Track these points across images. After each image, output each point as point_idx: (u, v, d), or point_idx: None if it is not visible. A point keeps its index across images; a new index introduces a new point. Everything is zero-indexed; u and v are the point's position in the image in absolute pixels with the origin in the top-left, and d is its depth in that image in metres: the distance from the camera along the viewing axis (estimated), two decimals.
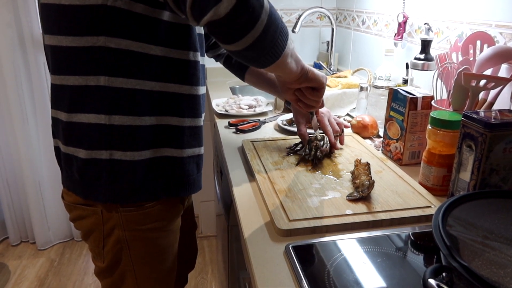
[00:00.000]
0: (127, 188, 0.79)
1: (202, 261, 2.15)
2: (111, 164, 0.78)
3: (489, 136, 0.70)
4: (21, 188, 2.16)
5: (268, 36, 0.64)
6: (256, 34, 0.62)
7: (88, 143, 0.78)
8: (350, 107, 1.44)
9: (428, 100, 0.95)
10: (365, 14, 1.79)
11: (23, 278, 2.01)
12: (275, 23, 0.64)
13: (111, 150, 0.77)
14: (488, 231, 0.57)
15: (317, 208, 0.77)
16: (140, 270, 0.87)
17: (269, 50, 0.66)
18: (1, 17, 1.86)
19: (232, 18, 0.60)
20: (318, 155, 0.98)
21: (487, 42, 0.94)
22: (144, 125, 0.78)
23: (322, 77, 0.85)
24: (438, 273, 0.50)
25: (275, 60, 0.68)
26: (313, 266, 0.62)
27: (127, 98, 0.75)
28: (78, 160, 0.79)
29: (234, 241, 1.06)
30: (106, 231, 0.83)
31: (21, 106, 2.01)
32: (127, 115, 0.76)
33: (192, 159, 0.86)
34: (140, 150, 0.78)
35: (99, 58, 0.72)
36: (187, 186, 0.87)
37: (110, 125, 0.76)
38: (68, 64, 0.75)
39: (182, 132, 0.83)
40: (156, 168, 0.81)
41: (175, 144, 0.82)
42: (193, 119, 0.84)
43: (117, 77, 0.74)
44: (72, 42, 0.72)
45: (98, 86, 0.74)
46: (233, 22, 0.60)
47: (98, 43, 0.71)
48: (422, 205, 0.78)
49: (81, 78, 0.74)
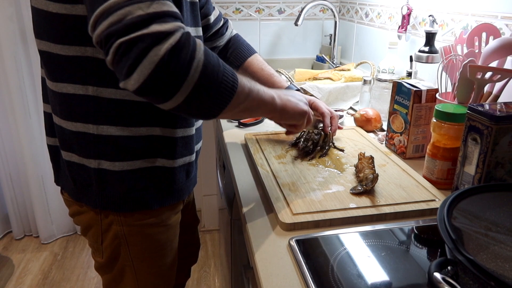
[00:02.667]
0: (116, 197, 0.79)
1: (204, 255, 2.15)
2: (100, 173, 0.77)
3: (495, 129, 0.70)
4: (24, 183, 2.17)
5: (194, 103, 0.60)
6: (176, 103, 0.59)
7: (79, 150, 0.77)
8: (353, 101, 1.44)
9: (432, 93, 0.95)
10: (368, 7, 1.77)
11: (27, 272, 2.02)
12: (207, 88, 0.60)
13: (99, 160, 0.76)
14: (494, 224, 0.56)
15: (320, 202, 0.77)
16: (139, 265, 0.86)
17: (200, 112, 0.63)
18: (2, 11, 1.85)
19: (143, 93, 0.57)
20: (308, 149, 0.97)
21: (493, 34, 0.93)
22: (134, 136, 0.76)
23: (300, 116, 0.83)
24: (443, 267, 0.50)
25: (215, 117, 0.65)
26: (317, 260, 0.62)
27: (116, 108, 0.74)
28: (72, 164, 0.79)
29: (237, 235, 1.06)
30: (104, 227, 0.82)
31: (23, 100, 2.00)
32: (116, 126, 0.75)
33: (183, 168, 0.85)
34: (129, 160, 0.77)
35: (87, 68, 0.71)
36: (176, 193, 0.85)
37: (98, 135, 0.75)
38: (58, 71, 0.74)
39: (175, 142, 0.81)
40: (146, 178, 0.79)
41: (167, 155, 0.80)
42: (185, 129, 0.82)
43: (106, 87, 0.72)
44: (61, 50, 0.70)
45: (87, 96, 0.73)
46: (146, 96, 0.58)
47: (86, 53, 0.70)
48: (426, 199, 0.78)
49: (69, 86, 0.73)
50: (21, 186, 2.20)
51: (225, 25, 1.11)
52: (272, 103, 0.75)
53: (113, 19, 0.55)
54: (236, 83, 0.64)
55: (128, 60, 0.55)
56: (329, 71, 1.55)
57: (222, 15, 1.12)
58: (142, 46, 0.54)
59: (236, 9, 2.04)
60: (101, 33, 0.56)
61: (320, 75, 1.54)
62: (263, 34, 2.10)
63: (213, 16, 1.06)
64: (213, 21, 1.06)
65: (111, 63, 0.57)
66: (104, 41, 0.56)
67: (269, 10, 2.07)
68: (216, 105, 0.63)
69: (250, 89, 0.68)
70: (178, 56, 0.56)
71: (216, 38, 1.10)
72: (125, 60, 0.55)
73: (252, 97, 0.69)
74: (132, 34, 0.54)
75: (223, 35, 1.11)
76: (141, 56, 0.54)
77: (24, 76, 1.98)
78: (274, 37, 2.12)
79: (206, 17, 1.04)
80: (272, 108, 0.76)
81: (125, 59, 0.55)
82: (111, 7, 0.55)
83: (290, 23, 2.07)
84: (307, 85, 1.39)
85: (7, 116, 2.05)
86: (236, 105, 0.66)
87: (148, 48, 0.54)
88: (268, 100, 0.74)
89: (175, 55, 0.56)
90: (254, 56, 1.12)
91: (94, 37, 0.58)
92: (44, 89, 0.82)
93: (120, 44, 0.55)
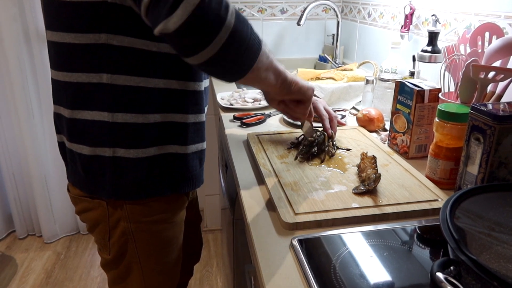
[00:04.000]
0: (131, 185, 0.79)
1: (207, 255, 2.16)
2: (115, 161, 0.77)
3: (498, 129, 0.69)
4: (28, 182, 2.18)
5: (229, 54, 0.62)
6: (213, 51, 0.60)
7: (92, 140, 0.77)
8: (356, 100, 1.43)
9: (435, 93, 0.94)
10: (371, 7, 1.77)
11: (30, 271, 2.03)
12: (239, 39, 0.62)
13: (114, 148, 0.77)
14: (497, 224, 0.56)
15: (323, 202, 0.77)
16: (146, 262, 0.87)
17: (231, 67, 0.64)
18: (6, 11, 1.86)
19: (183, 35, 0.58)
20: (313, 151, 0.97)
21: (496, 33, 0.93)
22: (148, 123, 0.77)
23: (307, 90, 0.83)
24: (446, 267, 0.49)
25: (241, 76, 0.67)
26: (319, 260, 0.62)
27: (131, 95, 0.74)
28: (82, 157, 0.79)
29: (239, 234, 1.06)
30: (111, 223, 0.83)
31: (26, 100, 2.01)
32: (131, 113, 0.75)
33: (196, 155, 0.86)
34: (144, 148, 0.78)
35: (101, 56, 0.71)
36: (190, 181, 0.87)
37: (113, 123, 0.75)
38: (70, 61, 0.74)
39: (186, 128, 0.82)
40: (160, 165, 0.80)
41: (180, 141, 0.82)
42: (197, 115, 0.84)
43: (120, 74, 0.73)
44: (74, 39, 0.71)
45: (101, 84, 0.73)
46: (185, 38, 0.58)
47: (100, 41, 0.70)
48: (429, 199, 0.78)
49: (83, 75, 0.73)
50: (24, 186, 2.21)
51: None
52: (284, 70, 0.78)
53: None
54: (261, 41, 0.68)
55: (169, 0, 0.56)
56: (331, 71, 1.55)
57: None
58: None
59: (238, 9, 2.04)
60: None
61: (322, 75, 1.54)
62: (266, 34, 2.10)
63: None
64: None
65: (147, 6, 0.58)
66: None
67: (271, 10, 2.07)
68: (247, 57, 0.65)
69: (270, 52, 0.72)
70: (217, 1, 0.58)
71: None
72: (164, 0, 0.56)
73: (271, 59, 0.73)
74: None
75: None
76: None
77: (28, 76, 1.99)
78: (277, 37, 2.12)
79: None
80: (284, 75, 0.78)
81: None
82: None
83: (292, 23, 2.07)
84: None
85: (10, 116, 2.05)
86: (262, 63, 0.69)
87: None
88: (280, 66, 0.77)
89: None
90: None
91: None
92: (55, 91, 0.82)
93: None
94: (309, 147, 0.96)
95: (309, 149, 0.96)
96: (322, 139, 0.99)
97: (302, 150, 0.97)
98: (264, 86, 0.78)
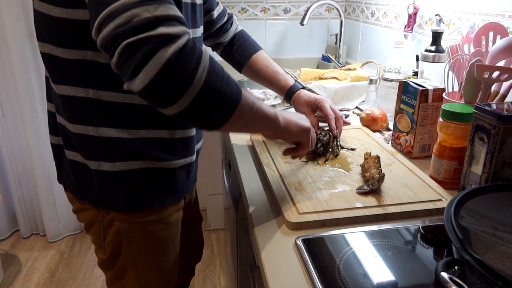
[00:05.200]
0: (118, 197, 0.79)
1: (210, 254, 2.16)
2: (99, 174, 0.78)
3: (502, 129, 0.69)
4: (32, 182, 2.19)
5: (199, 110, 0.60)
6: (180, 108, 0.58)
7: (81, 151, 0.78)
8: (359, 100, 1.43)
9: (439, 93, 0.94)
10: (374, 6, 1.77)
11: (34, 270, 2.04)
12: (211, 95, 0.59)
13: (99, 161, 0.77)
14: (501, 224, 0.56)
15: (326, 201, 0.77)
16: (141, 262, 0.87)
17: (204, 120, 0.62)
18: (10, 11, 1.87)
19: (147, 96, 0.57)
20: (319, 150, 0.97)
21: (500, 33, 0.92)
22: (133, 138, 0.76)
23: (303, 134, 0.79)
24: (450, 266, 0.50)
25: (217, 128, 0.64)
26: (323, 259, 0.62)
27: (116, 111, 0.74)
28: (76, 164, 0.80)
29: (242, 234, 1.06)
30: (106, 223, 0.83)
31: (30, 100, 2.02)
32: (115, 128, 0.75)
33: (183, 168, 0.85)
34: (129, 161, 0.77)
35: (88, 72, 0.71)
36: (177, 193, 0.86)
37: (98, 137, 0.75)
38: (59, 74, 0.74)
39: (174, 144, 0.81)
40: (147, 178, 0.80)
41: (167, 156, 0.81)
42: (185, 130, 0.82)
43: (106, 90, 0.72)
44: (62, 53, 0.71)
45: (87, 98, 0.73)
46: (149, 98, 0.58)
47: (87, 57, 0.70)
48: (432, 198, 0.78)
49: (70, 89, 0.74)
50: (28, 185, 2.21)
51: (230, 21, 1.11)
52: (275, 118, 0.74)
53: (120, 21, 0.55)
54: (240, 93, 0.64)
55: (134, 61, 0.55)
56: (335, 71, 1.55)
57: (227, 10, 1.12)
58: (149, 47, 0.54)
59: (241, 8, 2.04)
60: (107, 35, 0.56)
61: (326, 74, 1.54)
62: (269, 33, 2.10)
63: (216, 11, 1.06)
64: (216, 16, 1.06)
65: (116, 65, 0.57)
66: (110, 43, 0.56)
67: (274, 9, 2.07)
68: (220, 114, 0.62)
69: (253, 102, 0.67)
70: (185, 60, 0.56)
71: (220, 34, 1.10)
72: (131, 61, 0.55)
73: (256, 110, 0.68)
74: (139, 35, 0.54)
75: (227, 31, 1.10)
76: (147, 57, 0.54)
77: (32, 76, 2.00)
78: (280, 37, 2.12)
79: (209, 13, 1.04)
80: (275, 123, 0.74)
81: (131, 60, 0.55)
82: (117, 9, 0.55)
83: (295, 22, 2.07)
84: (313, 85, 1.39)
85: (14, 115, 2.06)
86: (240, 116, 0.65)
87: (155, 50, 0.54)
88: (271, 114, 0.73)
89: (181, 58, 0.56)
90: (260, 53, 1.11)
91: (99, 39, 0.57)
92: (48, 88, 0.82)
93: (126, 45, 0.55)
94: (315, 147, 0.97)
95: (315, 149, 0.96)
96: (328, 139, 0.99)
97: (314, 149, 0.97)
98: (253, 132, 0.76)
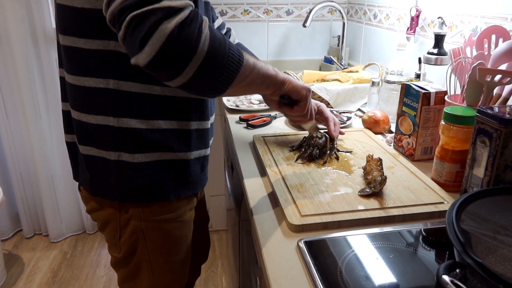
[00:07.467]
0: (135, 189, 0.81)
1: (212, 255, 2.16)
2: (119, 165, 0.79)
3: (504, 132, 0.70)
4: (34, 182, 2.20)
5: (204, 78, 0.63)
6: (186, 78, 0.61)
7: (98, 143, 0.79)
8: (362, 102, 1.44)
9: (441, 95, 0.95)
10: (377, 8, 1.77)
11: (36, 270, 2.05)
12: (214, 63, 0.62)
13: (119, 152, 0.78)
14: (502, 227, 0.56)
15: (329, 204, 0.77)
16: (156, 261, 0.88)
17: (209, 87, 0.65)
18: (13, 13, 1.88)
19: (153, 68, 0.60)
20: (315, 153, 0.97)
21: (503, 36, 0.93)
22: (152, 128, 0.78)
23: (301, 88, 0.83)
24: (452, 269, 0.50)
25: (221, 93, 0.68)
26: (325, 262, 0.63)
27: (136, 102, 0.76)
28: (90, 158, 0.81)
29: (245, 235, 1.07)
30: (122, 222, 0.84)
31: (33, 100, 2.03)
32: (135, 118, 0.77)
33: (198, 161, 0.87)
34: (148, 152, 0.79)
35: (109, 62, 0.73)
36: (191, 185, 0.87)
37: (118, 127, 0.77)
38: (81, 65, 0.76)
39: (190, 135, 0.83)
40: (163, 170, 0.81)
41: (183, 147, 0.83)
42: (200, 122, 0.85)
43: (126, 81, 0.75)
44: (85, 44, 0.73)
45: (108, 89, 0.75)
46: (155, 70, 0.60)
47: (109, 47, 0.72)
48: (434, 201, 0.78)
49: (91, 80, 0.75)
50: (31, 186, 2.22)
51: (228, 34, 1.14)
52: (276, 75, 0.79)
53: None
54: (242, 56, 0.67)
55: (140, 33, 0.57)
56: (337, 73, 1.55)
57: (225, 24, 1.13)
58: (154, 19, 0.57)
59: (244, 10, 2.05)
60: (115, 8, 0.59)
61: (328, 76, 1.54)
62: (271, 35, 2.10)
63: (216, 23, 1.08)
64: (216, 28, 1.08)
65: (123, 38, 0.60)
66: (117, 16, 0.59)
67: (277, 11, 2.07)
68: (224, 78, 0.65)
69: (255, 63, 0.72)
70: (188, 30, 0.58)
71: None
72: (136, 33, 0.58)
73: (257, 70, 0.73)
74: (144, 8, 0.57)
75: None
76: (152, 29, 0.57)
77: (35, 77, 2.01)
78: (282, 39, 2.12)
79: None
80: (275, 80, 0.79)
81: (136, 32, 0.58)
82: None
83: (298, 24, 2.07)
84: (315, 87, 1.39)
85: (18, 116, 2.07)
86: (243, 78, 0.69)
87: (158, 22, 0.57)
88: (271, 72, 0.78)
89: (184, 29, 0.58)
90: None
91: (108, 14, 0.61)
92: (63, 88, 0.84)
93: (132, 17, 0.57)
94: (310, 149, 0.97)
95: (311, 151, 0.97)
96: (324, 142, 0.99)
97: (302, 152, 0.98)
98: (253, 92, 0.80)
